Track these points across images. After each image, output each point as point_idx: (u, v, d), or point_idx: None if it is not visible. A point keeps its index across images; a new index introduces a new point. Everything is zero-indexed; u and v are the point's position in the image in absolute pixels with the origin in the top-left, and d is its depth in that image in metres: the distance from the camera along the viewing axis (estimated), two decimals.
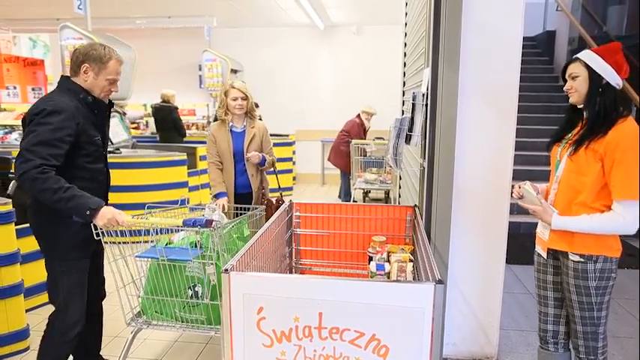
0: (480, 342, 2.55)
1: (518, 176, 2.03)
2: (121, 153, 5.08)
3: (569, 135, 1.87)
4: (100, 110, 2.09)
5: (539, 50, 7.59)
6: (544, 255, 1.93)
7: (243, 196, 3.13)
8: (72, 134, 1.89)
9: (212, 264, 2.04)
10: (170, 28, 8.46)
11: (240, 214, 2.84)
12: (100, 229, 1.97)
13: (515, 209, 4.22)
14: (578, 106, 1.83)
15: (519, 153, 2.36)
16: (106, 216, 1.90)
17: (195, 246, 2.16)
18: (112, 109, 2.23)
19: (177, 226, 2.03)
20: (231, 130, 3.09)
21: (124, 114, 6.93)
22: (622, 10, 6.18)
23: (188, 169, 5.38)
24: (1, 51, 5.60)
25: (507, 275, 2.66)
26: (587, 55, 1.77)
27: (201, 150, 6.05)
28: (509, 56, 2.31)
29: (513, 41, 2.29)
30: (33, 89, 8.16)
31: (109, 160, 2.22)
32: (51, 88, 9.45)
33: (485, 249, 2.48)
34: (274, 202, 3.16)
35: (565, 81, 1.85)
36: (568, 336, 1.98)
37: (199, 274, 2.17)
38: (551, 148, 1.96)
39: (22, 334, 2.78)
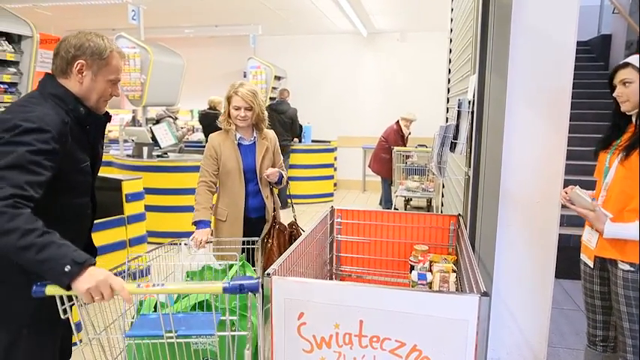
0: (526, 359, 2.45)
1: (569, 186, 1.98)
2: (168, 157, 5.27)
3: (618, 141, 1.81)
4: (93, 126, 1.54)
5: (593, 55, 7.26)
6: (590, 264, 1.88)
7: (254, 222, 2.57)
8: (56, 159, 1.34)
9: (248, 340, 1.41)
10: (217, 37, 8.72)
11: (249, 248, 2.29)
12: (73, 301, 1.32)
13: (565, 221, 4.03)
14: (627, 113, 1.77)
15: (571, 162, 2.26)
16: (94, 278, 1.19)
17: (207, 308, 1.51)
18: (107, 124, 1.64)
19: (216, 293, 1.39)
20: (238, 144, 2.52)
21: (176, 119, 7.19)
22: None
23: None
24: None
25: (556, 290, 2.55)
26: None
27: None
28: (562, 61, 2.22)
29: (566, 46, 2.21)
30: None
31: (157, 164, 1.74)
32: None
33: (533, 262, 2.38)
34: (286, 226, 2.68)
35: (612, 87, 1.79)
36: (616, 339, 1.94)
37: (213, 347, 1.55)
38: (597, 156, 1.90)
39: (76, 328, 2.92)
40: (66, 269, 1.18)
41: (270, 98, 7.64)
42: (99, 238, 3.48)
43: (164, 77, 5.65)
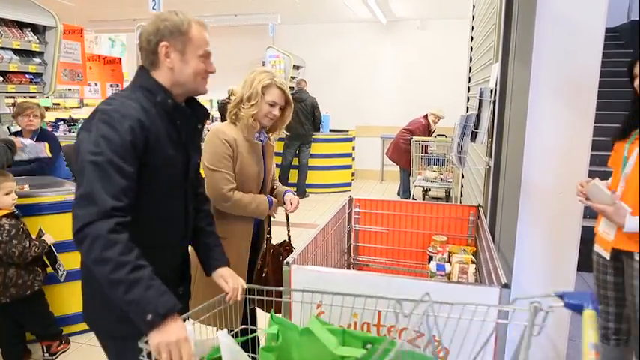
0: (546, 352, 2.42)
1: (596, 177, 1.93)
2: None
3: (637, 130, 1.76)
4: (184, 121, 1.38)
5: (621, 42, 7.02)
6: (606, 256, 1.86)
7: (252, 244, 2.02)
8: (137, 153, 1.23)
9: None
10: (236, 26, 8.72)
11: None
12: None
13: (588, 213, 3.93)
14: None
15: (597, 153, 2.21)
16: (167, 336, 1.07)
17: None
18: (204, 122, 1.48)
19: None
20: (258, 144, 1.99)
21: None
22: None
23: None
24: (85, 50, 6.04)
25: (578, 283, 2.51)
26: None
27: None
28: (589, 49, 2.15)
29: (594, 33, 2.14)
30: (111, 85, 8.77)
31: None
32: (126, 85, 10.16)
33: (554, 254, 2.34)
34: (279, 248, 2.14)
35: (631, 77, 1.77)
36: (629, 333, 1.92)
37: None
38: (614, 146, 1.86)
39: None
40: (147, 318, 1.08)
41: (289, 88, 7.64)
42: None
43: None
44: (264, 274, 2.02)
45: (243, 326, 1.53)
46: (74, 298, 2.89)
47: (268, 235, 2.10)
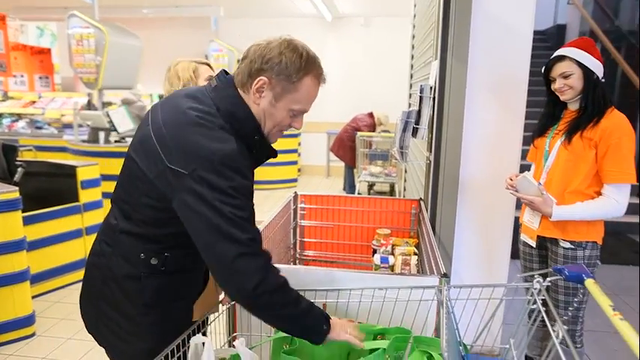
0: (482, 336, 2.55)
1: (525, 171, 2.04)
2: (126, 142, 5.10)
3: (555, 126, 1.90)
4: (261, 159, 1.25)
5: (549, 44, 7.50)
6: (532, 244, 1.99)
7: None
8: None
9: None
10: (177, 18, 8.43)
11: None
12: None
13: (521, 204, 4.18)
14: (568, 101, 1.86)
15: (527, 148, 2.36)
16: (342, 327, 1.17)
17: None
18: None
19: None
20: None
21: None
22: (635, 4, 6.08)
23: None
24: (9, 39, 5.59)
25: (512, 270, 2.66)
26: (576, 53, 1.79)
27: None
28: (519, 50, 2.28)
29: (523, 35, 2.27)
30: (40, 77, 8.20)
31: (114, 149, 1.39)
32: (57, 77, 9.51)
33: (490, 243, 2.47)
34: None
35: (547, 80, 1.88)
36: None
37: None
38: (534, 142, 2.00)
39: (28, 320, 2.82)
40: (325, 327, 1.14)
41: None
42: (52, 227, 3.34)
43: (120, 59, 5.42)
44: None
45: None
46: (2, 306, 2.69)
47: None
